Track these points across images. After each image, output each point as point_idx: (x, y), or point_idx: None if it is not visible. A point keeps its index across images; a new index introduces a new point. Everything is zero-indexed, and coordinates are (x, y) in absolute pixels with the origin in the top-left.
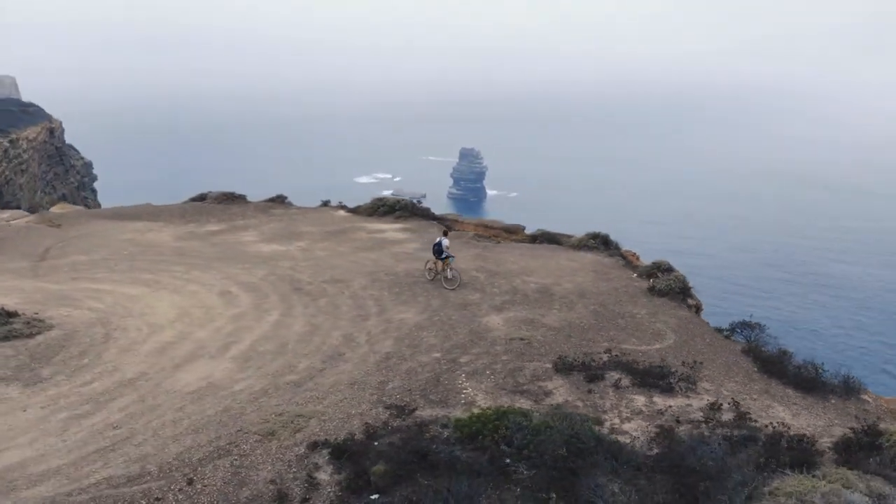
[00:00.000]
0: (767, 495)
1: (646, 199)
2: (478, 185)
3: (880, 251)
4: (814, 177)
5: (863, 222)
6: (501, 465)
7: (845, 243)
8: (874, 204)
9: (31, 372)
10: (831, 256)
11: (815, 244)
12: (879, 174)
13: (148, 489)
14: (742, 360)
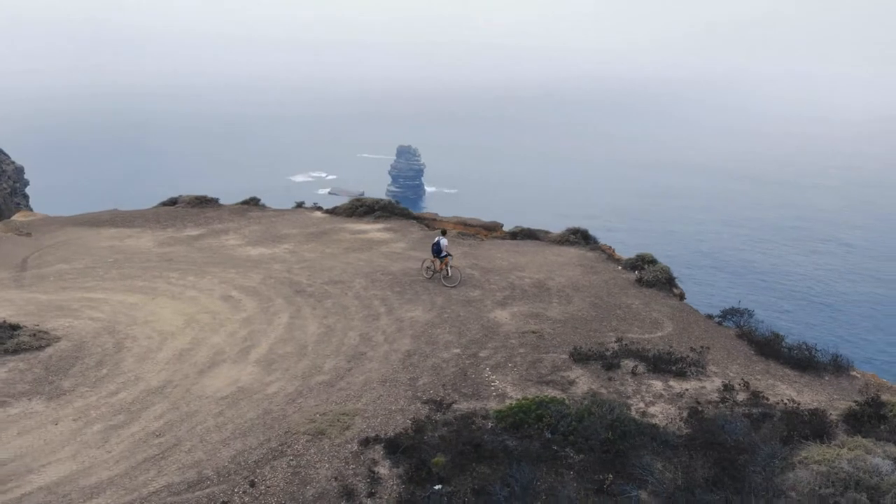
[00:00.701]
0: (798, 465)
1: (580, 194)
2: (416, 183)
3: (800, 238)
4: (737, 168)
5: (784, 211)
6: (551, 451)
7: (768, 232)
8: (790, 193)
9: (51, 385)
10: (756, 245)
11: (740, 232)
12: (788, 166)
13: (212, 493)
14: (738, 344)
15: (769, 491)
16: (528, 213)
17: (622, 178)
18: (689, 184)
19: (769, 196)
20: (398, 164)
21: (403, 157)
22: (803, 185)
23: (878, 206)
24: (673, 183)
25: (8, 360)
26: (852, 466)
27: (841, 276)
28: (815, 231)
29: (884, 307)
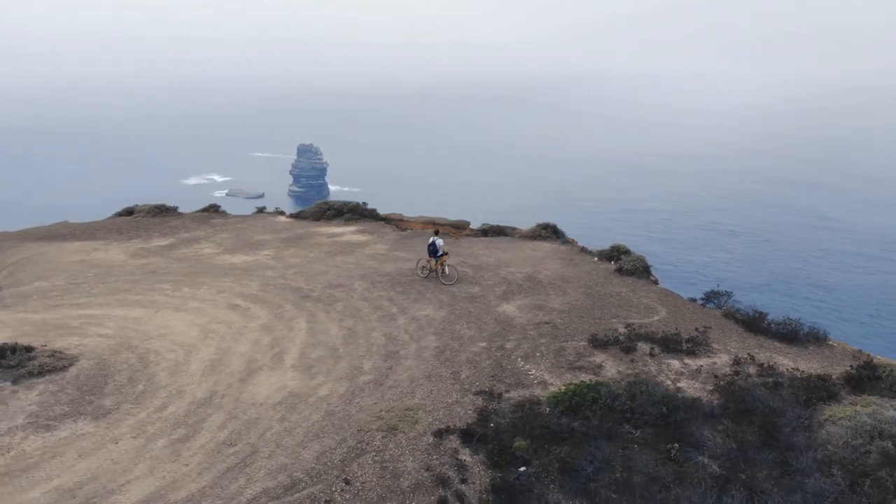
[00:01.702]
0: (825, 423)
1: (484, 191)
2: (319, 182)
3: (689, 226)
4: (628, 159)
5: (674, 204)
6: (612, 428)
7: (668, 224)
8: (677, 182)
9: (92, 405)
10: (655, 237)
11: (643, 229)
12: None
13: (311, 494)
14: (727, 323)
15: (811, 446)
16: (438, 209)
17: (522, 173)
18: (581, 176)
19: (658, 182)
20: (300, 163)
21: (305, 155)
22: (684, 173)
23: (736, 191)
24: (570, 177)
25: (35, 382)
26: (874, 420)
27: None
28: (694, 217)
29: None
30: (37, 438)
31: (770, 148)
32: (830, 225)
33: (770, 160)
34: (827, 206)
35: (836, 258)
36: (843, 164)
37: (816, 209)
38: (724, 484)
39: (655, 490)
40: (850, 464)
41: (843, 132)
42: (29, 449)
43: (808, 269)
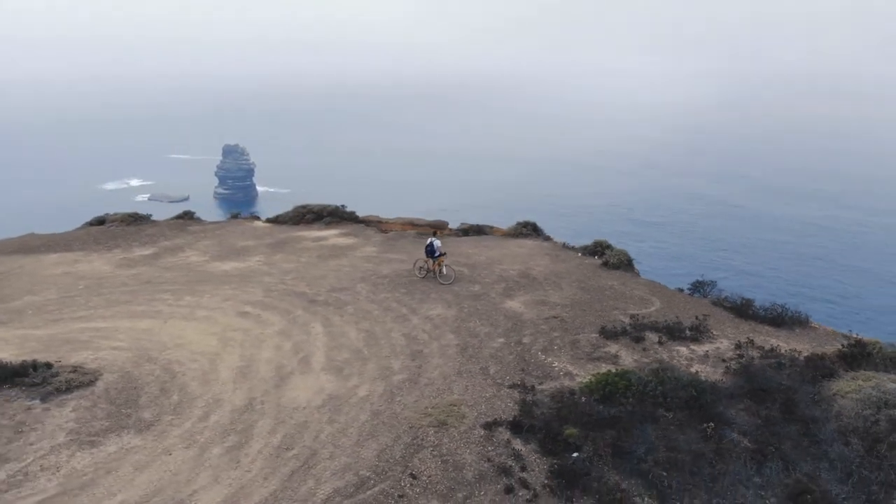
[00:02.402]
0: (835, 396)
1: (415, 191)
2: (247, 183)
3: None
4: (568, 158)
5: (603, 199)
6: (648, 412)
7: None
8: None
9: (131, 418)
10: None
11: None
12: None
13: (383, 490)
14: (717, 310)
15: (828, 419)
16: (377, 209)
17: (455, 171)
18: (514, 174)
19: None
20: (225, 164)
21: (231, 156)
22: (606, 169)
23: (656, 185)
24: (503, 175)
25: (65, 399)
26: (878, 392)
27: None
28: (620, 211)
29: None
30: (84, 455)
31: (684, 141)
32: (741, 214)
33: (685, 153)
34: (738, 195)
35: (752, 245)
36: (750, 155)
37: (728, 199)
38: (759, 457)
39: (700, 466)
40: (863, 432)
41: (749, 125)
42: (79, 466)
43: (728, 256)
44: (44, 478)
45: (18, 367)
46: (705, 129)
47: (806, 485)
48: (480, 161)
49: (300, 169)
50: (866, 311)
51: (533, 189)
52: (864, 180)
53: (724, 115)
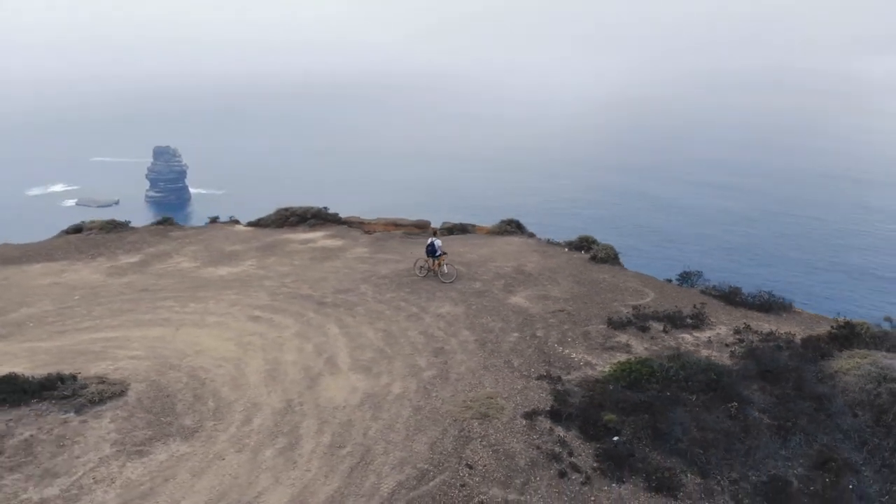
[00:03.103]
0: (837, 374)
1: (349, 190)
2: (179, 185)
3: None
4: (498, 156)
5: (528, 197)
6: (674, 395)
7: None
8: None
9: (172, 426)
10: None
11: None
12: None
13: (445, 481)
14: (707, 299)
15: (835, 394)
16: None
17: (392, 170)
18: (447, 171)
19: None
20: (156, 166)
21: (162, 158)
22: (535, 166)
23: (585, 180)
24: (438, 173)
25: (100, 410)
26: (876, 368)
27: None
28: (551, 209)
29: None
30: (136, 465)
31: (605, 136)
32: (663, 205)
33: (606, 147)
34: (659, 188)
35: (677, 236)
36: (670, 148)
37: (650, 192)
38: (783, 432)
39: (732, 443)
40: (868, 405)
41: (671, 118)
42: (134, 476)
43: (654, 250)
44: (100, 490)
45: (45, 380)
46: (633, 124)
47: (829, 454)
48: (411, 159)
49: (233, 169)
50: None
51: (467, 187)
52: (785, 173)
53: (649, 108)
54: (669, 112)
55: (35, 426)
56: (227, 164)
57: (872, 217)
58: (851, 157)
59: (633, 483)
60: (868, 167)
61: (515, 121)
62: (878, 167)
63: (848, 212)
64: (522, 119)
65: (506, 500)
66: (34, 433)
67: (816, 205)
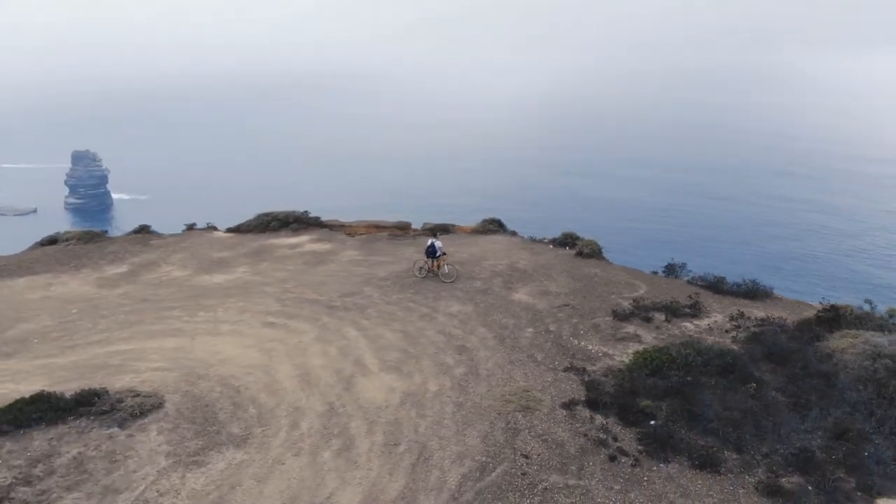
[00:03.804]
0: (834, 353)
1: (271, 191)
2: (100, 191)
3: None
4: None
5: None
6: (695, 380)
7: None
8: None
9: (221, 435)
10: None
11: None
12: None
13: (506, 471)
14: (696, 289)
15: (838, 371)
16: (239, 212)
17: (329, 171)
18: (392, 172)
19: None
20: (75, 171)
21: (81, 163)
22: (477, 166)
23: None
24: (384, 173)
25: (144, 423)
26: (870, 346)
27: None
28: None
29: None
30: (196, 475)
31: (541, 135)
32: (596, 206)
33: (543, 148)
34: (590, 188)
35: (610, 232)
36: (601, 146)
37: (582, 191)
38: (800, 408)
39: (759, 420)
40: (867, 379)
41: (608, 117)
42: (199, 486)
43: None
44: (167, 502)
45: (80, 396)
46: (566, 122)
47: (845, 425)
48: (355, 160)
49: (157, 173)
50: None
51: (409, 188)
52: (716, 169)
53: (595, 107)
54: (607, 111)
55: (80, 443)
56: (152, 169)
57: (795, 207)
58: (778, 152)
59: (678, 462)
60: (790, 160)
61: (461, 122)
62: (799, 160)
63: (772, 202)
64: (470, 120)
65: (567, 485)
66: (81, 450)
67: (734, 199)
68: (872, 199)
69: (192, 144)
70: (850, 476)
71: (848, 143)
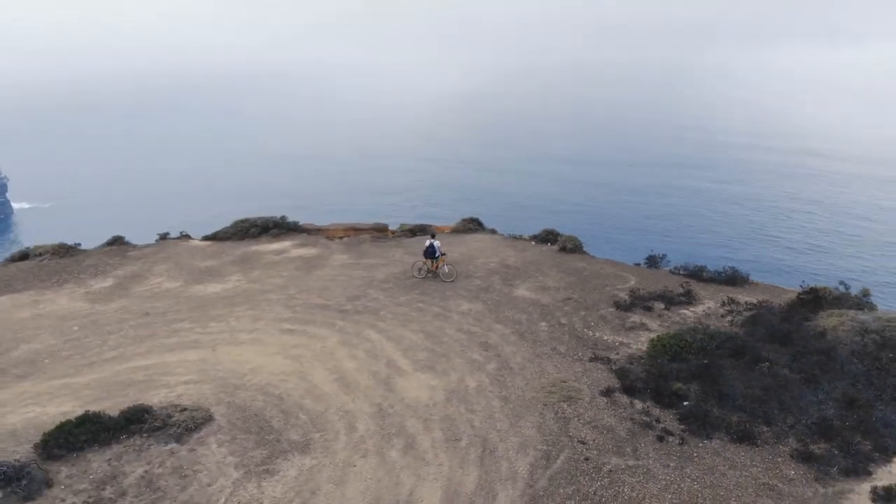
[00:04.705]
0: (825, 331)
1: (185, 197)
2: (0, 200)
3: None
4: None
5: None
6: (713, 362)
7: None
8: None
9: (281, 443)
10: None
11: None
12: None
13: (569, 456)
14: (681, 278)
15: (834, 347)
16: (152, 219)
17: (243, 173)
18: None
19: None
20: None
21: None
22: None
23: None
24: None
25: (201, 437)
26: (856, 323)
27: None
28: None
29: None
30: (272, 484)
31: (457, 133)
32: (509, 201)
33: (452, 143)
34: (499, 184)
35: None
36: (509, 142)
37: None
38: (809, 382)
39: (780, 395)
40: (860, 353)
41: (517, 113)
42: (278, 494)
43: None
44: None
45: (129, 414)
46: (475, 118)
47: (852, 395)
48: (271, 161)
49: (60, 181)
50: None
51: (329, 189)
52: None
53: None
54: (526, 107)
55: (142, 461)
56: (55, 176)
57: (710, 197)
58: (680, 144)
59: (718, 438)
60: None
61: (368, 121)
62: (693, 153)
63: (687, 193)
64: (377, 119)
65: (628, 466)
66: (147, 468)
67: (631, 191)
68: (776, 186)
69: (99, 151)
70: (865, 440)
71: (758, 135)
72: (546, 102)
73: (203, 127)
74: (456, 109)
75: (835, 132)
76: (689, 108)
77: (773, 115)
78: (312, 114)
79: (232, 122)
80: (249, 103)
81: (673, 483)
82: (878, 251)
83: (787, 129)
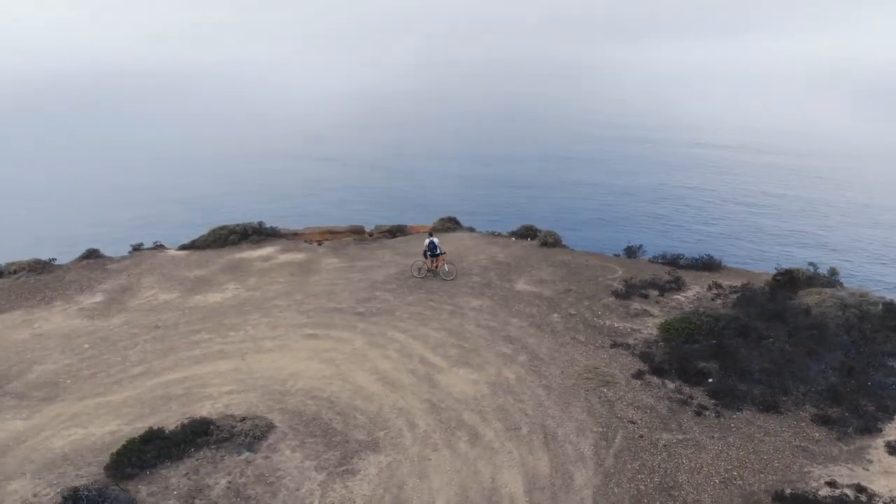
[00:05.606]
0: (809, 308)
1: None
2: None
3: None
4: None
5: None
6: (722, 343)
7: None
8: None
9: (348, 444)
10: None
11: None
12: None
13: (625, 436)
14: (660, 266)
15: (823, 323)
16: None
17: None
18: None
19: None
20: None
21: None
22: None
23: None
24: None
25: (271, 444)
26: (836, 299)
27: None
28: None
29: None
30: (357, 483)
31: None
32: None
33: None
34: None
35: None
36: (414, 139)
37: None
38: (810, 354)
39: (790, 368)
40: (844, 326)
41: (426, 110)
42: (367, 492)
43: None
44: None
45: (195, 427)
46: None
47: (849, 364)
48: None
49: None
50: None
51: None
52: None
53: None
54: (425, 104)
55: (222, 473)
56: None
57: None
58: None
59: (747, 409)
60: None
61: (273, 119)
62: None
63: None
64: (280, 118)
65: (679, 440)
66: (229, 479)
67: (536, 186)
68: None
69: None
70: (869, 402)
71: (653, 128)
72: (445, 98)
73: (94, 131)
74: (351, 108)
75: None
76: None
77: (661, 109)
78: (213, 111)
79: (129, 123)
80: (146, 104)
81: (722, 452)
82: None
83: (670, 122)
